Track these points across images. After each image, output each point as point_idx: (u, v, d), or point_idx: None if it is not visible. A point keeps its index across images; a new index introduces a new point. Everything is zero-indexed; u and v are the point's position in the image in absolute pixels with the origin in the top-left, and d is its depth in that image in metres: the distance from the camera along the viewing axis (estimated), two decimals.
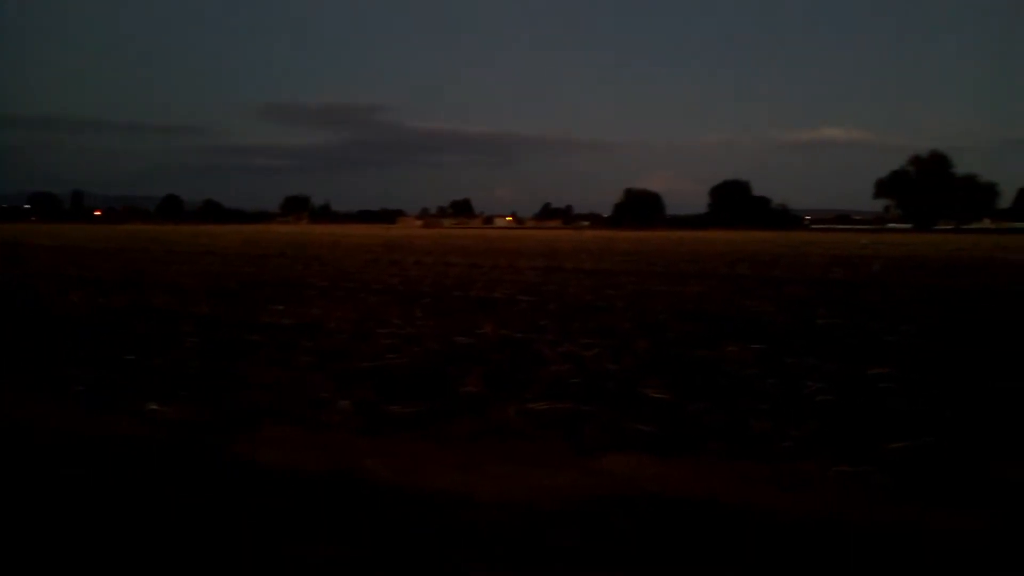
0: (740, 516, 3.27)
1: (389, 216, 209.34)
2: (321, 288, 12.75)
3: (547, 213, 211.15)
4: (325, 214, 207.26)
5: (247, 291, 12.30)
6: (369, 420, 4.70)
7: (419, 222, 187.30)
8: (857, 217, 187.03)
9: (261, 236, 49.14)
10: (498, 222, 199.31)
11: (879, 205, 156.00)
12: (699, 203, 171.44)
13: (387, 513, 3.27)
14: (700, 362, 6.46)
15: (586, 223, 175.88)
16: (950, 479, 3.70)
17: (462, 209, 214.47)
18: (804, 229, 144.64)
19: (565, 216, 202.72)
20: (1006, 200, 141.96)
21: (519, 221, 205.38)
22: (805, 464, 3.93)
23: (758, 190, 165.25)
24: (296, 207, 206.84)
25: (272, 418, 4.73)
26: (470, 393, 5.32)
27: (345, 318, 8.95)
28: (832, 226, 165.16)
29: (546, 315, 9.51)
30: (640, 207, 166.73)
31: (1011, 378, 5.80)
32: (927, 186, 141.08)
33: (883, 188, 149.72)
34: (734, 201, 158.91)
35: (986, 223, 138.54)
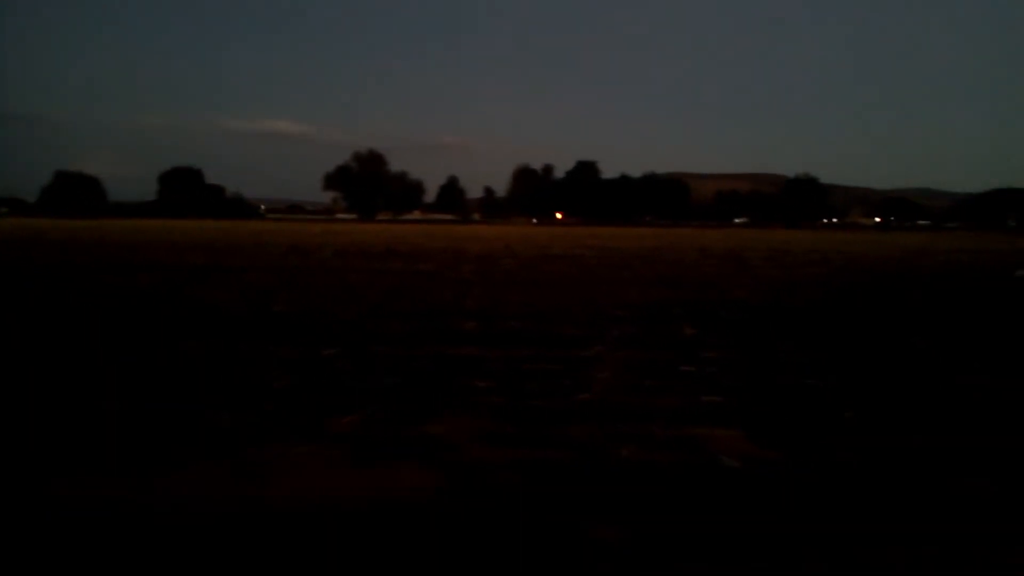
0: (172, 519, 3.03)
1: None
2: None
3: None
4: None
5: None
6: None
7: None
8: (309, 208, 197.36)
9: None
10: None
11: (328, 197, 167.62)
12: (147, 190, 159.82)
13: None
14: (145, 365, 5.90)
15: (4, 209, 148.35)
16: (394, 441, 4.06)
17: None
18: (260, 218, 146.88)
19: None
20: (431, 195, 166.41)
21: None
22: (266, 452, 3.87)
23: (211, 178, 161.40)
24: None
25: None
26: None
27: None
28: (287, 215, 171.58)
29: None
30: (76, 192, 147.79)
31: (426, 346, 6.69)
32: (368, 180, 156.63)
33: (331, 181, 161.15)
34: (186, 189, 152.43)
35: (416, 214, 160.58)
